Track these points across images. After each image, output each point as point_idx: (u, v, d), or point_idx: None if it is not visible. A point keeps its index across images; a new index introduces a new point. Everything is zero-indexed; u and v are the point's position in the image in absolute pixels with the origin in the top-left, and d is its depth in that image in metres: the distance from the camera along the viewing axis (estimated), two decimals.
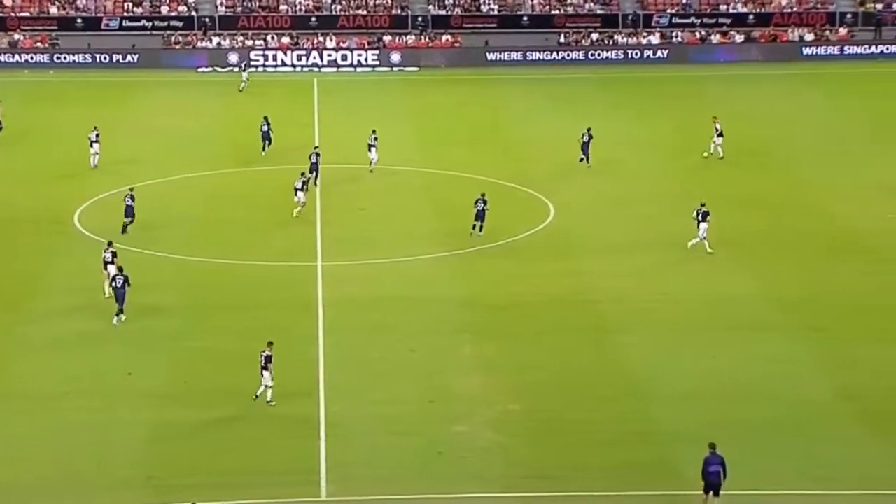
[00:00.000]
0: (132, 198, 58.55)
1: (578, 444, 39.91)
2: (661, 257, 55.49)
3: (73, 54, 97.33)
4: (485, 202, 57.41)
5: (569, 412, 41.91)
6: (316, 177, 65.22)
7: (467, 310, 50.10)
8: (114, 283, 48.84)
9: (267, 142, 71.19)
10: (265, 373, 42.16)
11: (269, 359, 42.22)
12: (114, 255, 50.84)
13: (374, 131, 68.65)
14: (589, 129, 69.07)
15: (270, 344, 42.60)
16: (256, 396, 42.16)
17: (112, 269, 49.74)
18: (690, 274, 53.77)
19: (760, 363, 45.34)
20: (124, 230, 57.73)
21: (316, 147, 66.97)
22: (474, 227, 57.21)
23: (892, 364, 45.37)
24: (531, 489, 37.43)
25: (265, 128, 71.37)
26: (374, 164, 67.70)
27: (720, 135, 69.85)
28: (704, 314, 49.66)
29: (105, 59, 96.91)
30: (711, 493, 35.60)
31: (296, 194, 60.37)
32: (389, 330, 47.33)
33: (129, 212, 58.12)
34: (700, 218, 54.79)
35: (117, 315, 48.39)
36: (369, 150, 67.92)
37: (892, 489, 37.07)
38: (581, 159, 68.39)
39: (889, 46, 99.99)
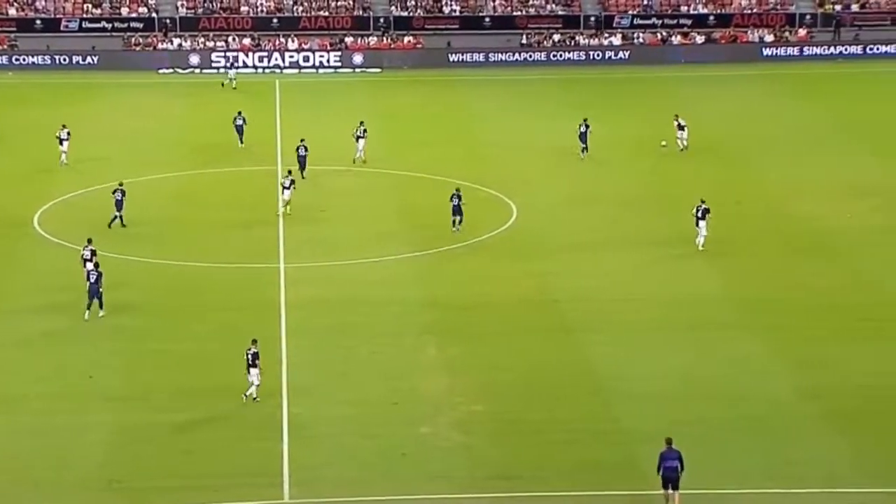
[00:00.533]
0: (122, 192, 59.01)
1: (542, 444, 40.06)
2: (623, 257, 55.73)
3: (33, 56, 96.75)
4: (459, 197, 57.86)
5: (533, 412, 42.08)
6: (303, 170, 65.93)
7: (431, 311, 50.23)
8: (88, 279, 48.74)
9: (241, 135, 71.78)
10: (252, 370, 42.16)
11: (255, 356, 42.25)
12: (93, 252, 50.85)
13: (361, 122, 68.93)
14: (585, 120, 69.84)
15: (255, 341, 42.65)
16: (245, 396, 42.18)
17: (90, 266, 49.72)
18: (653, 273, 54.03)
19: (723, 362, 45.66)
20: (112, 224, 58.58)
21: (302, 140, 67.08)
22: (454, 223, 57.72)
23: (854, 362, 45.72)
24: (495, 489, 37.52)
25: (239, 122, 71.89)
26: (361, 155, 68.26)
27: (682, 128, 70.74)
28: (668, 313, 49.90)
29: (65, 60, 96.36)
30: (670, 486, 35.68)
31: (283, 192, 60.31)
32: (353, 331, 47.42)
33: (119, 206, 58.80)
34: (699, 216, 54.93)
35: (88, 309, 48.47)
36: (357, 141, 68.30)
37: (855, 487, 37.38)
38: (583, 149, 69.52)
39: (847, 47, 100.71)
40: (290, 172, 63.00)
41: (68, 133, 69.01)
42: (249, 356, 42.29)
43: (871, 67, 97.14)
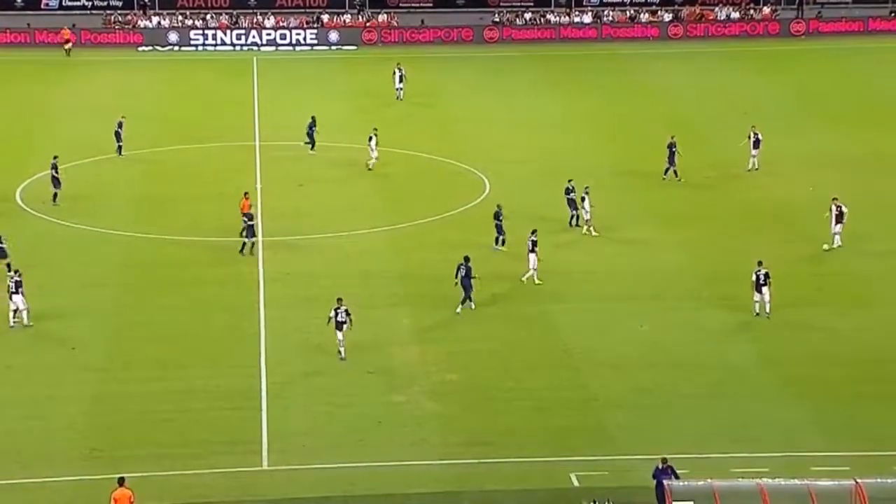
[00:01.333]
0: (56, 168, 58.95)
1: (514, 411, 40.88)
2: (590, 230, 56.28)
3: (13, 33, 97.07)
4: (500, 215, 54.58)
5: (504, 381, 42.87)
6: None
7: (405, 282, 50.86)
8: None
9: (311, 141, 67.84)
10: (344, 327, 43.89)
11: (347, 312, 44.01)
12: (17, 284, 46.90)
13: (374, 129, 66.18)
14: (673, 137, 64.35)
15: (340, 300, 44.37)
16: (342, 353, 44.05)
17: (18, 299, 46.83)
18: (619, 246, 54.77)
19: (686, 331, 46.56)
20: (55, 200, 58.69)
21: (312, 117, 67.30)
22: (497, 241, 54.13)
23: (811, 329, 46.71)
24: (469, 456, 38.27)
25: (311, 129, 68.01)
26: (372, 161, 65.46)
27: (757, 144, 64.59)
28: (632, 285, 50.67)
29: (45, 38, 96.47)
30: None
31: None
32: (329, 303, 47.17)
33: (56, 182, 58.78)
34: (762, 281, 47.68)
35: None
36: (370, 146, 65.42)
37: (814, 451, 38.27)
38: (669, 171, 63.62)
39: (810, 25, 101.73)
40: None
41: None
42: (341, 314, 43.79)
43: (833, 44, 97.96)
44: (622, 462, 37.52)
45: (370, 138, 65.19)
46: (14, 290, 46.49)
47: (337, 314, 44.09)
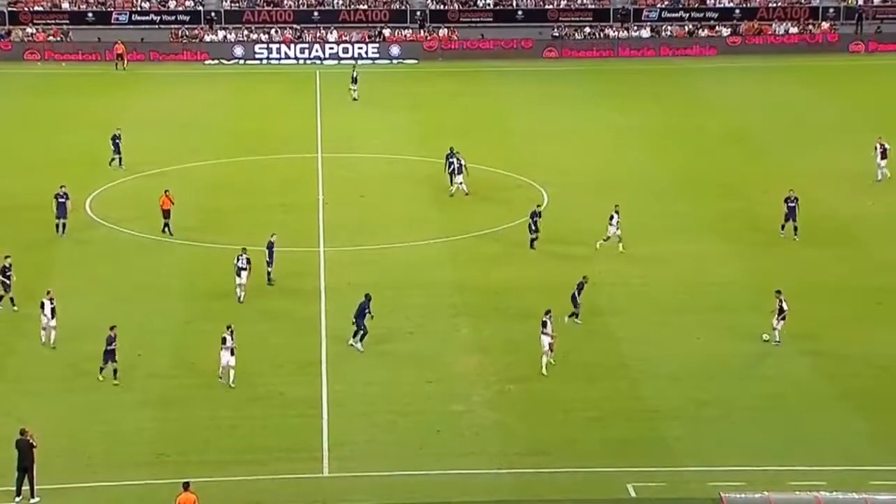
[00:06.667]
0: (66, 195, 57.68)
1: (572, 421, 41.05)
2: (649, 243, 56.59)
3: (84, 47, 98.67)
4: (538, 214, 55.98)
5: (562, 391, 43.03)
6: (455, 177, 63.78)
7: (463, 293, 51.11)
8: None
9: (459, 174, 64.03)
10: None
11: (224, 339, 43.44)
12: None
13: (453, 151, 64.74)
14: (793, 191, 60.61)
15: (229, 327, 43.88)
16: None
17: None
18: (674, 259, 54.86)
19: (743, 343, 46.53)
20: (63, 230, 57.47)
21: (456, 151, 64.64)
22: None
23: (871, 344, 46.47)
24: (527, 465, 38.47)
25: (452, 159, 64.51)
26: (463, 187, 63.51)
27: (884, 154, 65.14)
28: (689, 297, 50.80)
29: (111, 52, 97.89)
30: None
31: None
32: (388, 313, 48.14)
33: (63, 211, 57.24)
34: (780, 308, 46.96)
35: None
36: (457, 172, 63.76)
37: (873, 465, 38.16)
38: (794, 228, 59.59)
39: (869, 40, 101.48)
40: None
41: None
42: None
43: (892, 59, 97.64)
44: (680, 473, 37.62)
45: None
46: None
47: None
